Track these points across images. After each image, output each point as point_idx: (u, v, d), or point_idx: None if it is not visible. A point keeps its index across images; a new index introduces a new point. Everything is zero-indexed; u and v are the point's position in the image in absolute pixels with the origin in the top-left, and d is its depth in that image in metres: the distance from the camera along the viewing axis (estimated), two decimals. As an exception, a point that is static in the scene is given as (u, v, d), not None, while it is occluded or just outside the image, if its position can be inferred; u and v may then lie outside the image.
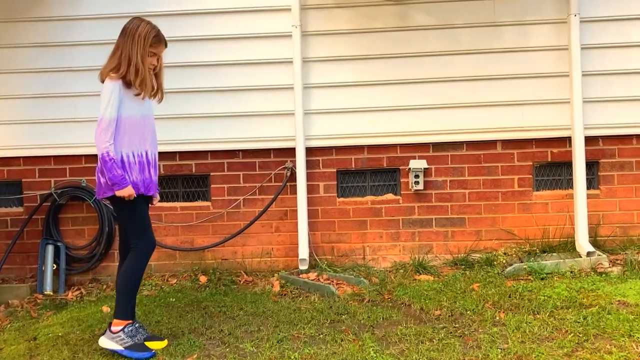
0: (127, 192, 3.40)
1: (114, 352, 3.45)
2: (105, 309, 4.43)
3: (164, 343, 3.56)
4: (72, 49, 5.25)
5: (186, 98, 5.22)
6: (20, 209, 5.38)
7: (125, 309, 3.50)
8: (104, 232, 5.20)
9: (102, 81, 3.50)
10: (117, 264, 5.27)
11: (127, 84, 3.47)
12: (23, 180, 5.36)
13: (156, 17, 5.15)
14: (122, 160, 3.44)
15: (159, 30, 3.57)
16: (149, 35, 3.50)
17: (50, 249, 5.15)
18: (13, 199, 5.42)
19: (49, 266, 5.09)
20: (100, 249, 5.22)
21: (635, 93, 4.99)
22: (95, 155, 5.14)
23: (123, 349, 3.43)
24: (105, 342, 3.48)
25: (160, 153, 5.21)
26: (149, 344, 3.50)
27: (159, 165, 5.25)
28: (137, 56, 3.44)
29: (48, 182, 5.32)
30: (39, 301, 4.88)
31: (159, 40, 3.56)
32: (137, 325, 3.52)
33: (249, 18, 5.15)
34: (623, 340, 3.24)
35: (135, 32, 3.48)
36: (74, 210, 5.34)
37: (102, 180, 3.44)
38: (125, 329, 3.46)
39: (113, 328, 3.47)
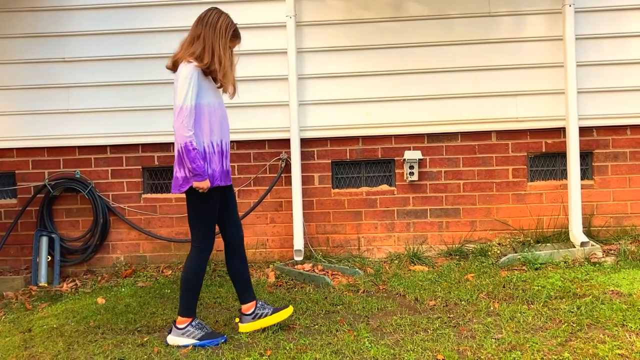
0: (205, 184, 3.31)
1: (185, 347, 3.41)
2: (100, 300, 4.42)
3: (290, 309, 3.58)
4: (65, 40, 5.22)
5: (180, 89, 5.18)
6: (14, 201, 5.36)
7: (188, 307, 3.47)
8: (98, 223, 5.18)
9: (173, 68, 3.42)
10: (112, 255, 5.31)
11: (204, 73, 3.38)
12: (16, 171, 5.33)
13: (151, 7, 5.20)
14: (203, 151, 3.36)
15: (235, 23, 3.50)
16: (230, 29, 3.43)
17: (44, 240, 5.14)
18: (7, 190, 5.40)
19: (44, 258, 5.08)
20: (94, 241, 5.20)
21: (630, 83, 5.00)
22: (90, 147, 5.26)
23: (198, 340, 3.41)
24: (175, 340, 3.44)
25: (154, 144, 5.29)
26: (276, 315, 3.53)
27: (153, 156, 5.27)
28: (220, 48, 3.37)
29: (42, 173, 5.30)
30: (33, 293, 4.87)
31: (236, 34, 3.50)
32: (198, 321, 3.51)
33: (244, 8, 5.11)
34: (616, 330, 3.26)
35: (217, 23, 3.40)
36: (68, 201, 5.32)
37: (181, 173, 3.36)
38: (193, 323, 3.45)
39: (179, 325, 3.45)
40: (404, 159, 5.11)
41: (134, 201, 5.29)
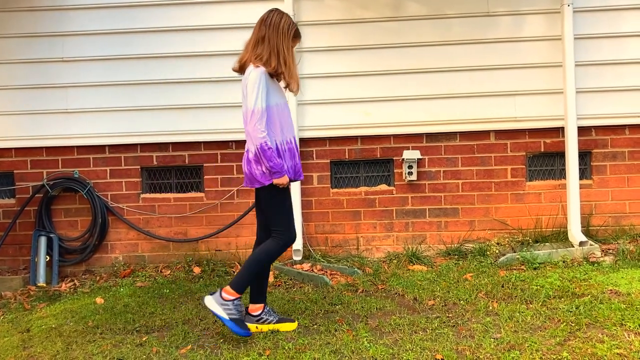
0: (285, 180, 3.41)
1: (216, 317, 3.44)
2: (99, 300, 4.42)
3: (294, 325, 3.60)
4: (63, 39, 5.21)
5: (179, 88, 5.19)
6: (12, 201, 5.35)
7: (241, 284, 3.48)
8: (97, 223, 5.18)
9: (240, 70, 3.50)
10: (111, 255, 5.30)
11: (270, 75, 3.45)
12: (15, 171, 5.33)
13: (149, 7, 5.20)
14: (277, 149, 3.44)
15: (296, 23, 3.56)
16: (292, 29, 3.50)
17: (43, 240, 5.13)
18: (5, 190, 5.39)
19: (42, 258, 5.08)
20: (93, 241, 5.20)
21: (628, 83, 5.00)
22: (88, 147, 5.25)
23: (228, 318, 3.41)
24: (212, 304, 3.44)
25: (153, 144, 5.28)
26: (280, 325, 3.56)
27: (152, 156, 5.27)
28: (284, 49, 3.43)
29: (40, 173, 5.30)
30: (32, 293, 4.87)
31: (297, 34, 3.56)
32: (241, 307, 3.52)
33: (241, 8, 5.11)
34: (615, 330, 3.26)
35: (279, 24, 3.46)
36: (66, 201, 5.32)
37: (258, 171, 3.42)
38: (235, 301, 3.45)
39: (224, 295, 3.44)
40: (403, 159, 5.11)
41: (133, 201, 5.29)
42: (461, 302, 3.88)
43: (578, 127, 4.94)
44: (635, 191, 5.08)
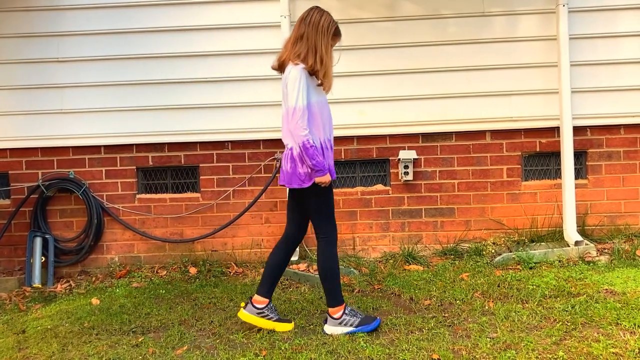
0: (327, 178, 3.39)
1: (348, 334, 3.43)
2: (95, 301, 4.41)
3: (290, 326, 3.60)
4: (59, 40, 5.20)
5: (175, 89, 5.18)
6: (7, 202, 5.33)
7: (336, 295, 3.51)
8: (92, 224, 5.16)
9: (279, 69, 3.48)
10: (107, 256, 5.29)
11: (309, 73, 3.42)
12: (10, 172, 5.31)
13: (143, 7, 5.18)
14: (320, 147, 3.42)
15: (336, 21, 3.53)
16: (331, 27, 3.46)
17: (38, 241, 5.11)
18: (0, 191, 5.37)
19: (37, 259, 5.06)
20: (89, 241, 5.19)
21: (623, 83, 5.02)
22: (84, 147, 5.24)
23: (356, 328, 3.44)
24: (333, 329, 3.47)
25: (148, 144, 5.27)
26: (277, 324, 3.57)
27: (148, 156, 5.26)
28: (322, 47, 3.41)
29: (35, 174, 5.28)
30: (27, 294, 4.85)
31: (338, 32, 3.53)
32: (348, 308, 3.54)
33: (238, 8, 5.12)
34: (610, 329, 3.27)
35: (319, 22, 3.43)
36: (62, 202, 5.30)
37: (301, 169, 3.40)
38: (346, 311, 3.48)
39: (334, 315, 3.48)
40: (399, 159, 5.12)
41: (129, 201, 5.28)
42: (457, 301, 3.88)
43: (573, 127, 4.96)
44: (630, 191, 5.10)
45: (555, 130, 5.08)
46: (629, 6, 4.98)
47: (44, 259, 5.10)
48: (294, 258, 4.95)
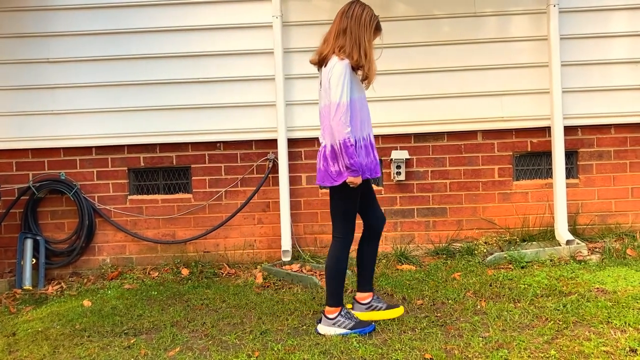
0: (359, 180, 3.32)
1: (341, 336, 3.41)
2: (87, 302, 4.38)
3: (401, 310, 3.65)
4: (49, 40, 5.17)
5: (166, 89, 5.16)
6: (-3, 203, 5.30)
7: (334, 296, 3.48)
8: (84, 225, 5.14)
9: (319, 62, 3.42)
10: (98, 257, 5.26)
11: (352, 68, 3.36)
12: (0, 173, 5.27)
13: (135, 7, 5.16)
14: (356, 145, 3.36)
15: (377, 15, 3.46)
16: (373, 21, 3.40)
17: (29, 243, 5.08)
18: (-10, 192, 5.34)
19: (28, 260, 5.03)
20: (80, 243, 5.16)
21: (614, 83, 5.05)
22: (75, 148, 5.21)
23: (349, 330, 3.42)
24: (326, 329, 3.45)
25: (140, 145, 5.25)
26: (389, 312, 3.61)
27: (139, 157, 5.24)
28: (366, 41, 3.35)
29: (26, 175, 5.25)
30: (17, 296, 4.82)
31: (379, 27, 3.46)
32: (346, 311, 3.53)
33: (230, 8, 5.11)
34: (601, 327, 3.29)
35: (361, 16, 3.36)
36: (53, 203, 5.27)
37: (333, 168, 3.35)
38: (342, 312, 3.46)
39: (329, 315, 3.46)
40: (391, 159, 5.12)
41: (120, 202, 5.26)
42: (449, 301, 3.89)
43: (564, 127, 4.98)
44: (620, 190, 5.13)
45: (546, 130, 5.11)
46: (620, 7, 5.01)
47: (34, 260, 5.07)
48: (286, 259, 4.94)
